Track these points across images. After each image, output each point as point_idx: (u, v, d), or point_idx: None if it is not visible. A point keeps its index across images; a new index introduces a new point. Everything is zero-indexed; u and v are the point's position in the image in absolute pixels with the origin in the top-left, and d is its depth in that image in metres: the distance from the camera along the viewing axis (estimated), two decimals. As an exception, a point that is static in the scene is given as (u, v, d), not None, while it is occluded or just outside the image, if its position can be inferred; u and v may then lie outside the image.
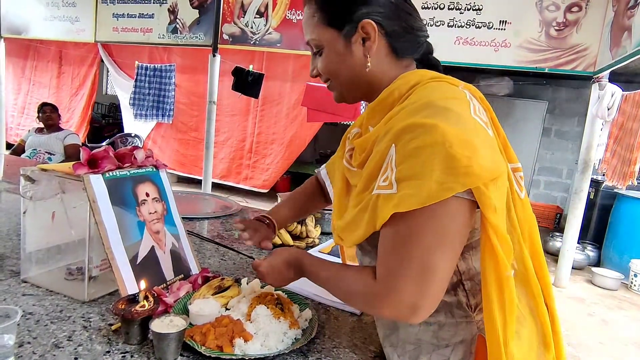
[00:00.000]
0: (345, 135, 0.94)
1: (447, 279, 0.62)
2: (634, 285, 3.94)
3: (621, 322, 3.28)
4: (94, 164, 0.89)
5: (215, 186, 5.35)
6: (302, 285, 1.05)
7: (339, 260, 1.29)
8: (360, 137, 0.79)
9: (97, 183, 0.87)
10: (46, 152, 3.65)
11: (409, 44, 0.75)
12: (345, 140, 0.93)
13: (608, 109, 3.43)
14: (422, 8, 4.10)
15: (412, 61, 0.77)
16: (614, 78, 3.62)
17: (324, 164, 1.10)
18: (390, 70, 0.75)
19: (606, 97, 3.40)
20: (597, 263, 4.55)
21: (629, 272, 3.97)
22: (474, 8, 3.98)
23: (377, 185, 0.65)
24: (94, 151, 0.90)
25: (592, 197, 4.73)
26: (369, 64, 0.73)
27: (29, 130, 3.94)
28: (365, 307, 0.72)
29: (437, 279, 0.60)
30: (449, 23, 4.07)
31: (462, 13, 4.02)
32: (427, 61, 0.80)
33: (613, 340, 2.96)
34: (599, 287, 3.98)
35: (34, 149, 3.66)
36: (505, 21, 3.91)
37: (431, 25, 4.11)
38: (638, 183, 3.98)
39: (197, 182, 5.41)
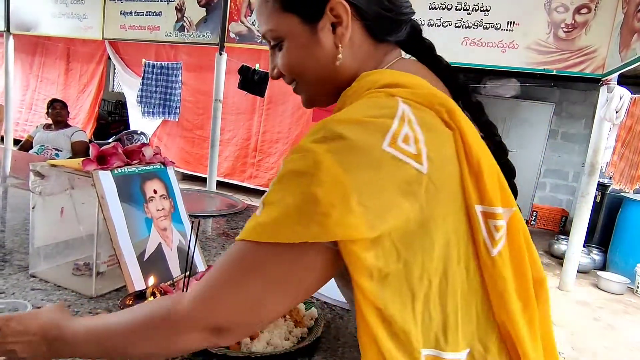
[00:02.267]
0: None
1: (271, 320, 0.53)
2: (638, 289, 3.91)
3: (627, 327, 3.25)
4: (103, 161, 0.89)
5: (220, 184, 5.36)
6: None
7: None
8: None
9: (106, 179, 0.87)
10: (54, 148, 3.68)
11: (389, 23, 0.60)
12: None
13: (616, 112, 3.41)
14: (430, 8, 4.09)
15: (394, 46, 0.63)
16: (623, 81, 3.60)
17: None
18: (368, 60, 0.60)
19: (614, 100, 3.38)
20: (603, 267, 4.52)
21: (635, 277, 3.94)
22: (481, 9, 3.96)
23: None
24: (102, 148, 0.91)
25: (598, 200, 4.70)
26: (340, 56, 0.58)
27: (37, 127, 3.97)
28: (165, 328, 0.52)
29: (260, 315, 0.50)
30: (456, 24, 4.05)
31: (469, 14, 4.01)
32: (416, 43, 0.65)
33: (619, 345, 2.94)
34: (604, 291, 3.95)
35: (42, 145, 3.69)
36: (513, 22, 3.89)
37: (438, 26, 4.09)
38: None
39: (202, 180, 5.43)
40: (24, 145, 3.84)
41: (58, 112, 3.80)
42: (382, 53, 0.61)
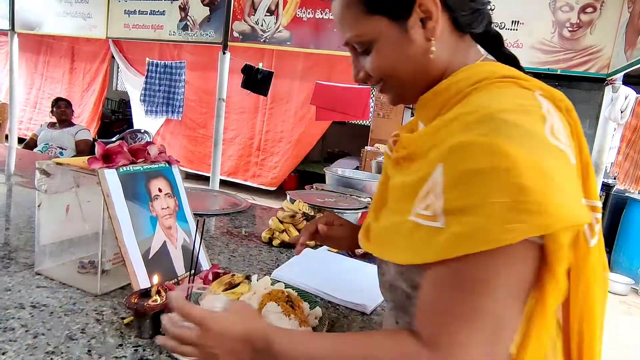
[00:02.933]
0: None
1: (509, 342, 0.49)
2: (644, 291, 3.89)
3: (630, 328, 3.23)
4: (108, 159, 0.90)
5: (223, 183, 5.37)
6: (312, 283, 1.05)
7: (350, 260, 1.29)
8: (410, 130, 0.68)
9: (111, 178, 0.88)
10: (58, 146, 3.70)
11: (474, 15, 0.59)
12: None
13: (621, 112, 3.39)
14: (434, 7, 4.07)
15: (471, 38, 0.63)
16: (628, 80, 3.57)
17: None
18: (456, 52, 0.60)
19: (619, 100, 3.36)
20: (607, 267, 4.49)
21: (639, 278, 3.92)
22: (486, 8, 3.94)
23: (415, 211, 0.52)
24: (108, 146, 0.91)
25: (602, 200, 4.68)
26: (433, 49, 0.57)
27: (41, 125, 3.99)
28: None
29: (508, 339, 0.48)
30: (460, 23, 4.03)
31: (473, 13, 3.99)
32: (487, 33, 0.64)
33: (622, 346, 2.93)
34: (608, 292, 3.92)
35: (46, 144, 3.70)
36: (518, 21, 3.87)
37: (442, 25, 4.08)
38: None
39: (205, 179, 5.44)
40: (29, 144, 3.86)
41: (63, 111, 3.82)
42: (466, 45, 0.61)
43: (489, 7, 0.61)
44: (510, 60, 0.63)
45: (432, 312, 0.49)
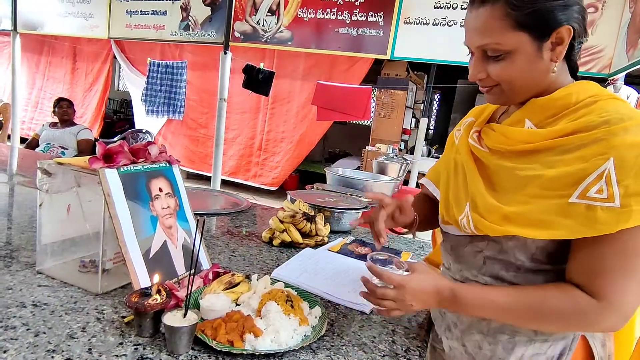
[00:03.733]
0: (453, 132, 0.94)
1: None
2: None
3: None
4: (109, 159, 0.90)
5: (224, 183, 5.38)
6: (312, 283, 1.06)
7: (350, 260, 1.29)
8: (514, 125, 0.76)
9: (112, 177, 0.88)
10: (60, 146, 3.71)
11: (580, 46, 0.74)
12: (453, 137, 0.93)
13: (623, 112, 3.39)
14: (435, 7, 4.07)
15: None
16: (630, 80, 3.57)
17: (425, 175, 1.04)
18: (561, 74, 0.74)
19: (621, 100, 3.35)
20: None
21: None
22: (487, 8, 3.94)
23: (584, 195, 0.64)
24: (109, 146, 0.92)
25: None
26: (555, 69, 0.71)
27: (43, 125, 4.00)
28: (579, 326, 0.69)
29: None
30: (461, 23, 4.03)
31: (475, 13, 3.99)
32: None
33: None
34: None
35: (48, 143, 3.71)
36: (519, 21, 3.87)
37: (444, 25, 4.08)
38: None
39: (207, 179, 5.45)
40: (30, 144, 3.87)
41: (65, 111, 3.82)
42: (565, 70, 0.75)
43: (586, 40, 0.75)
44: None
45: (601, 270, 0.64)
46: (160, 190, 0.99)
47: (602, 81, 3.74)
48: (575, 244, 0.67)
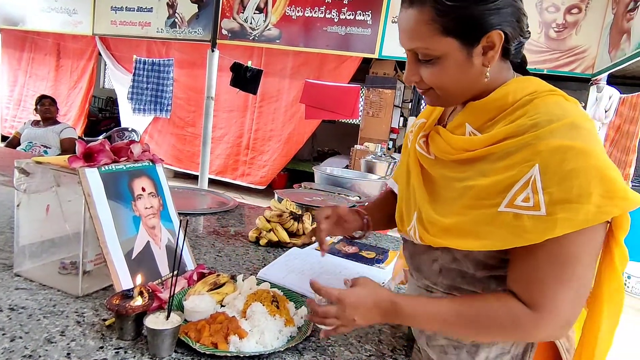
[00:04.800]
0: (407, 133, 0.92)
1: (587, 296, 0.65)
2: (627, 287, 3.96)
3: (619, 327, 3.29)
4: (89, 158, 0.88)
5: (212, 182, 5.32)
6: (298, 283, 1.05)
7: (338, 259, 1.29)
8: (456, 131, 0.74)
9: (93, 177, 0.86)
10: (42, 145, 3.62)
11: (519, 46, 0.70)
12: (407, 138, 0.91)
13: (605, 111, 3.45)
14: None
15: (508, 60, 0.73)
16: (612, 80, 3.64)
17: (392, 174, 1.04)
18: (500, 73, 0.71)
19: (604, 100, 3.42)
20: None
21: (623, 274, 4.00)
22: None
23: (511, 203, 0.62)
24: (90, 144, 0.89)
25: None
26: (488, 74, 0.68)
27: (25, 123, 3.90)
28: (516, 335, 0.67)
29: (585, 295, 0.64)
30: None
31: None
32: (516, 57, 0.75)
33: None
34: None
35: (30, 142, 3.63)
36: (505, 22, 3.91)
37: (431, 25, 4.10)
38: (633, 185, 4.00)
39: (194, 178, 5.39)
40: (12, 142, 3.77)
41: (47, 109, 3.74)
42: (506, 67, 0.72)
43: (527, 38, 0.72)
44: (527, 75, 0.76)
45: (535, 280, 0.63)
46: (143, 189, 0.97)
47: (586, 81, 3.81)
48: (512, 253, 0.65)
